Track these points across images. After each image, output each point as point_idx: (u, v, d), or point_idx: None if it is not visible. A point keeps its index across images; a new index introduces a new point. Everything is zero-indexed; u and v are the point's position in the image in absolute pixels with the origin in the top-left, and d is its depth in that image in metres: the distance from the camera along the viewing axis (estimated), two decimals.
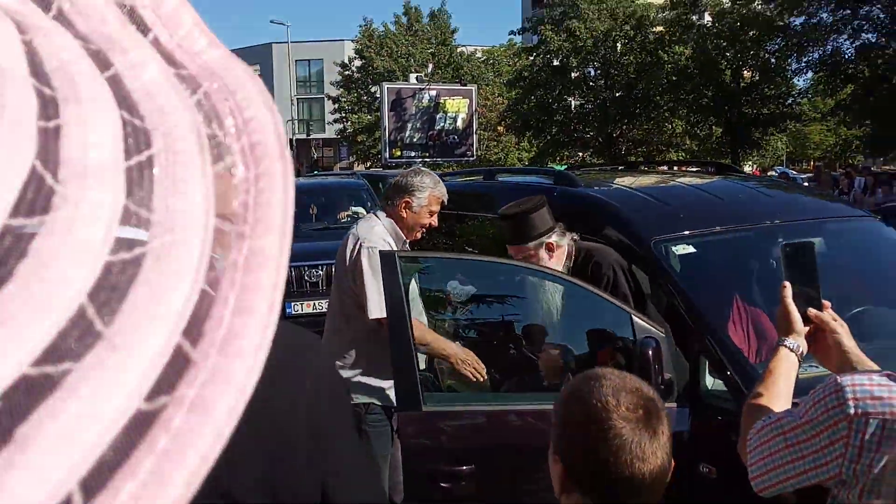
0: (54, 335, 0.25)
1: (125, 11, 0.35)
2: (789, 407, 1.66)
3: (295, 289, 8.43)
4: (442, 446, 2.86)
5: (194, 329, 0.29)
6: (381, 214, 3.53)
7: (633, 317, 2.92)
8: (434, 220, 3.50)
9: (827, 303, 1.81)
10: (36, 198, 0.25)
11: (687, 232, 3.33)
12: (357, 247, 3.35)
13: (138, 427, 0.26)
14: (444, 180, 3.69)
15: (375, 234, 3.40)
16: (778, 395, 1.66)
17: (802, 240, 2.01)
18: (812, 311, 1.77)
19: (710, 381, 2.98)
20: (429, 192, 3.46)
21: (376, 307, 3.23)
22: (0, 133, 0.25)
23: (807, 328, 1.77)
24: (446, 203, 3.54)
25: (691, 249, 3.28)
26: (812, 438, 1.32)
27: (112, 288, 0.27)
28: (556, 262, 3.32)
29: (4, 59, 0.27)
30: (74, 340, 0.25)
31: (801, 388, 2.51)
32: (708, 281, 3.36)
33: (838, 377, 1.32)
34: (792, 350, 1.74)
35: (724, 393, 2.86)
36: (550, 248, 3.32)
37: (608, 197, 3.72)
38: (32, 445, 0.23)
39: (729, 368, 2.85)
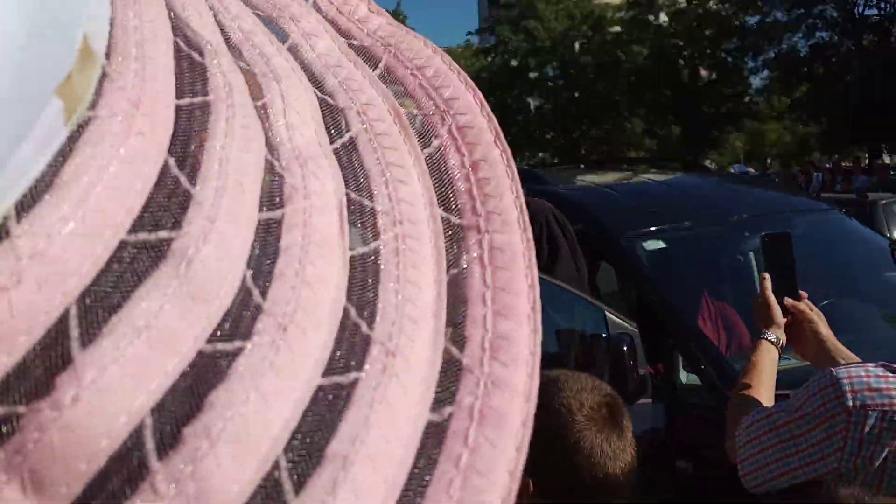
0: (332, 346, 0.23)
1: None
2: (772, 400, 1.65)
3: None
4: None
5: (456, 332, 0.26)
6: None
7: (606, 313, 2.90)
8: None
9: (804, 293, 1.80)
10: (272, 190, 0.23)
11: (657, 227, 3.32)
12: None
13: (434, 439, 0.24)
14: None
15: None
16: (762, 388, 1.65)
17: (780, 232, 2.00)
18: (790, 302, 1.77)
19: (684, 377, 2.98)
20: None
21: None
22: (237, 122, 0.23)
23: (784, 319, 1.76)
24: None
25: (661, 245, 3.28)
26: (808, 433, 1.30)
27: (362, 286, 0.24)
28: None
29: (206, 33, 0.25)
30: (349, 346, 0.23)
31: (779, 380, 2.52)
32: (679, 276, 3.36)
33: (833, 370, 1.30)
34: (773, 343, 1.73)
35: (700, 388, 2.86)
36: None
37: (577, 194, 3.71)
38: (353, 464, 0.21)
39: (703, 363, 2.84)
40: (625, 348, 2.75)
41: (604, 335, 2.92)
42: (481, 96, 0.29)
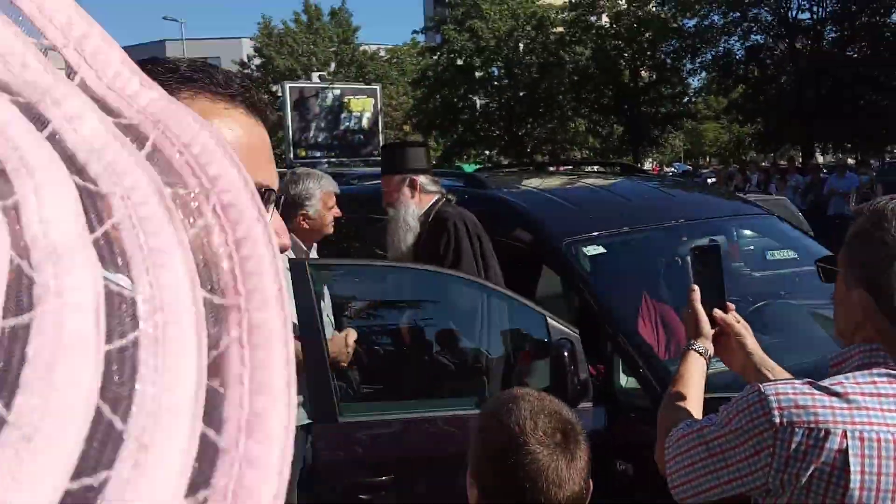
0: (82, 444, 0.23)
1: (44, 52, 0.29)
2: (700, 410, 1.68)
3: None
4: (359, 458, 2.80)
5: (214, 414, 0.27)
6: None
7: (548, 318, 2.93)
8: (337, 211, 3.41)
9: (731, 305, 1.84)
10: (20, 292, 0.23)
11: (596, 233, 3.37)
12: None
13: None
14: (352, 183, 3.64)
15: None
16: (690, 399, 1.67)
17: (709, 242, 2.04)
18: (717, 314, 1.79)
19: (623, 380, 3.02)
20: (319, 193, 3.38)
21: None
22: None
23: (713, 330, 1.79)
24: (338, 191, 3.47)
25: (601, 250, 3.32)
26: (736, 448, 1.32)
27: (119, 381, 0.24)
28: (416, 204, 3.47)
29: None
30: (101, 445, 0.23)
31: (713, 384, 2.58)
32: (618, 281, 3.41)
33: (761, 385, 1.33)
34: (701, 354, 1.76)
35: (638, 390, 2.91)
36: (413, 186, 3.47)
37: (518, 199, 3.73)
38: None
39: (642, 366, 2.89)
40: (565, 353, 2.78)
41: (545, 339, 2.96)
42: (245, 172, 0.30)
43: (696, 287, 1.81)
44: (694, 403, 1.65)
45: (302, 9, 39.57)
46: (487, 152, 33.48)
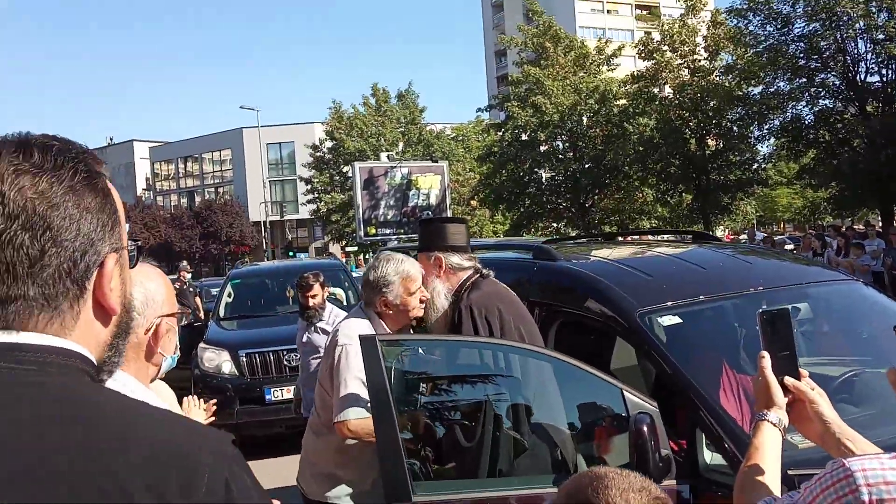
0: None
1: None
2: (778, 483, 1.59)
3: (273, 374, 8.24)
4: None
5: None
6: (372, 315, 3.37)
7: (624, 392, 2.84)
8: (422, 294, 3.32)
9: (804, 372, 1.75)
10: None
11: (671, 302, 3.28)
12: (332, 344, 3.28)
13: None
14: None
15: (354, 326, 3.27)
16: (767, 473, 1.58)
17: (778, 307, 1.95)
18: (790, 381, 1.70)
19: (708, 456, 2.89)
20: (398, 279, 3.29)
21: (337, 409, 3.16)
22: None
23: (786, 398, 1.70)
24: (422, 272, 3.38)
25: (677, 320, 3.23)
26: None
27: None
28: (443, 282, 3.41)
29: None
30: None
31: (801, 459, 2.44)
32: (696, 351, 3.30)
33: (846, 461, 1.24)
34: (774, 424, 1.67)
35: (724, 467, 2.77)
36: (438, 264, 3.42)
37: (588, 270, 3.68)
38: None
39: (727, 442, 2.76)
40: (645, 428, 2.69)
41: (624, 415, 2.86)
42: None
43: (766, 354, 1.73)
44: (771, 478, 1.56)
45: (370, 92, 40.98)
46: (555, 224, 33.45)
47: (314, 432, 3.44)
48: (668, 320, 3.21)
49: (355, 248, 38.19)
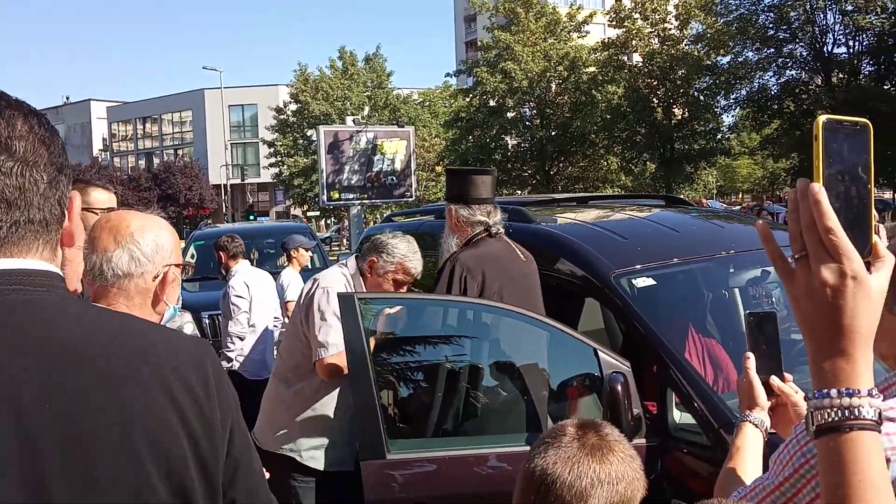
0: None
1: None
2: None
3: None
4: (408, 495, 2.73)
5: None
6: (351, 263, 3.42)
7: (599, 351, 2.86)
8: (397, 290, 3.30)
9: (788, 376, 1.74)
10: None
11: (645, 264, 3.30)
12: (313, 287, 3.26)
13: None
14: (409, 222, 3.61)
15: (333, 275, 3.31)
16: (747, 472, 1.57)
17: (765, 310, 1.95)
18: (775, 382, 1.69)
19: (677, 416, 2.93)
20: (398, 259, 3.29)
21: (322, 348, 3.15)
22: None
23: (770, 400, 1.68)
24: (412, 275, 3.34)
25: (651, 282, 3.24)
26: (801, 490, 1.23)
27: None
28: (454, 233, 3.49)
29: None
30: None
31: None
32: (668, 313, 3.32)
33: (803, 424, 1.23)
34: (756, 426, 1.65)
35: (693, 426, 2.81)
36: (450, 215, 3.49)
37: (565, 232, 3.68)
38: None
39: (697, 401, 2.79)
40: (619, 387, 2.71)
41: (596, 374, 2.88)
42: None
43: (752, 355, 1.70)
44: (751, 478, 1.53)
45: (337, 55, 40.36)
46: (519, 192, 33.50)
47: (279, 380, 3.40)
48: (643, 282, 3.23)
49: (317, 213, 37.89)
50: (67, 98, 72.71)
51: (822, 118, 0.90)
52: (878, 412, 0.90)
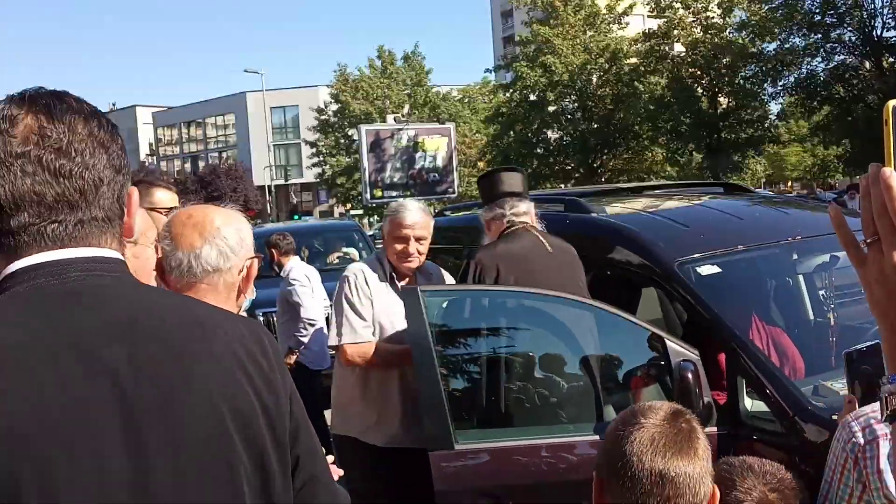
0: None
1: None
2: None
3: None
4: (477, 485, 2.73)
5: None
6: (382, 251, 3.51)
7: (667, 340, 2.82)
8: (405, 248, 3.28)
9: None
10: None
11: (709, 252, 3.25)
12: (341, 278, 3.41)
13: None
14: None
15: (359, 264, 3.46)
16: None
17: (868, 344, 1.84)
18: None
19: (749, 403, 2.88)
20: (389, 218, 3.34)
21: (333, 334, 3.30)
22: None
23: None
24: (406, 225, 3.29)
25: (716, 269, 3.19)
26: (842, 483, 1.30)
27: None
28: (489, 235, 3.52)
29: None
30: None
31: None
32: (734, 300, 3.27)
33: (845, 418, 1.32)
34: None
35: (766, 414, 2.76)
36: (480, 218, 3.57)
37: (624, 221, 3.64)
38: None
39: (769, 388, 2.74)
40: (689, 375, 2.67)
41: (662, 363, 2.85)
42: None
43: (853, 397, 1.64)
44: None
45: (376, 55, 40.55)
46: (563, 185, 33.30)
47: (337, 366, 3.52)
48: (707, 269, 3.18)
49: (360, 212, 38.14)
50: (114, 104, 74.24)
51: (892, 102, 0.88)
52: None
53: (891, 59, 23.40)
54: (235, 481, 1.06)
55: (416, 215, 3.33)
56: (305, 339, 5.71)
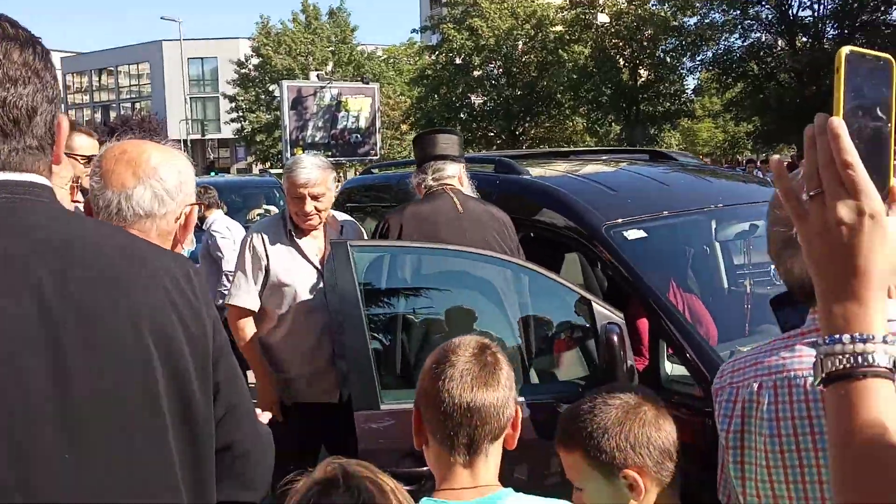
0: None
1: None
2: None
3: None
4: (401, 446, 2.70)
5: None
6: (285, 209, 3.45)
7: (594, 302, 2.84)
8: (301, 207, 3.22)
9: None
10: None
11: (638, 217, 3.28)
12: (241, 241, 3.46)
13: None
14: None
15: (256, 225, 3.52)
16: None
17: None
18: None
19: (669, 367, 2.93)
20: (285, 178, 3.31)
21: (228, 293, 3.40)
22: None
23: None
24: (300, 183, 3.22)
25: (642, 234, 3.22)
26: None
27: None
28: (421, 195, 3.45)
29: None
30: None
31: None
32: (658, 265, 3.31)
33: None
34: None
35: (686, 378, 2.81)
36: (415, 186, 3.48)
37: (554, 183, 3.63)
38: None
39: (689, 353, 2.79)
40: (615, 338, 2.69)
41: (588, 325, 2.87)
42: None
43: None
44: None
45: (300, 9, 39.50)
46: (485, 152, 33.44)
47: None
48: (634, 234, 3.21)
49: (279, 171, 37.42)
50: None
51: (844, 49, 0.84)
52: (892, 360, 0.84)
53: (804, 39, 24.21)
54: (154, 404, 1.08)
55: (312, 172, 3.22)
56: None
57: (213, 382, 1.19)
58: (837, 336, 0.85)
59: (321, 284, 3.27)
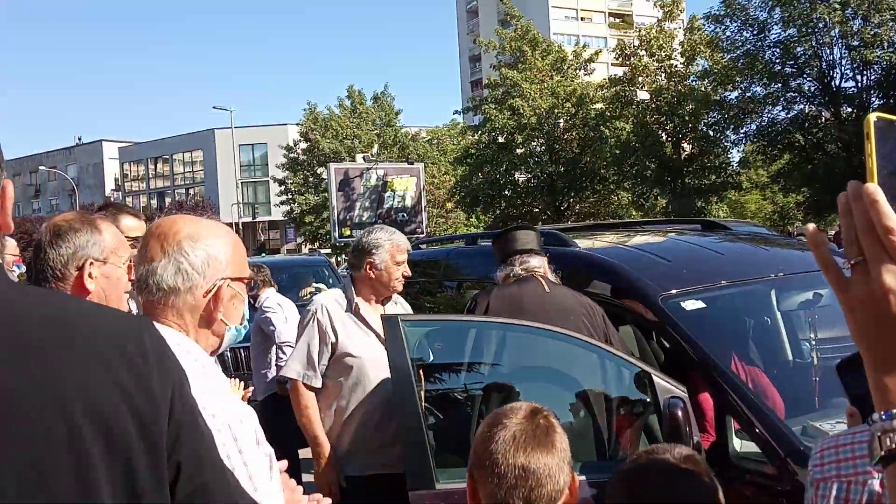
0: None
1: None
2: None
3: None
4: None
5: None
6: (347, 282, 3.52)
7: (654, 376, 2.74)
8: (406, 269, 3.42)
9: None
10: None
11: (694, 287, 3.19)
12: (307, 311, 3.45)
13: None
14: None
15: (322, 297, 3.48)
16: None
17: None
18: None
19: (738, 444, 2.80)
20: (388, 245, 3.37)
21: (286, 365, 3.38)
22: None
23: None
24: (405, 248, 3.44)
25: (701, 304, 3.13)
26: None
27: None
28: None
29: None
30: None
31: None
32: (720, 336, 3.20)
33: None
34: None
35: (757, 454, 2.67)
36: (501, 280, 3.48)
37: (605, 255, 3.58)
38: None
39: (759, 428, 2.66)
40: (679, 412, 2.58)
41: (648, 400, 2.76)
42: None
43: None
44: None
45: (346, 94, 40.71)
46: None
47: None
48: (692, 305, 3.12)
49: (328, 251, 37.96)
50: (80, 139, 73.37)
51: (872, 116, 0.83)
52: None
53: (849, 110, 24.05)
54: (88, 485, 0.96)
55: (405, 238, 3.50)
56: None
57: (174, 461, 1.06)
58: (894, 411, 0.80)
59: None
